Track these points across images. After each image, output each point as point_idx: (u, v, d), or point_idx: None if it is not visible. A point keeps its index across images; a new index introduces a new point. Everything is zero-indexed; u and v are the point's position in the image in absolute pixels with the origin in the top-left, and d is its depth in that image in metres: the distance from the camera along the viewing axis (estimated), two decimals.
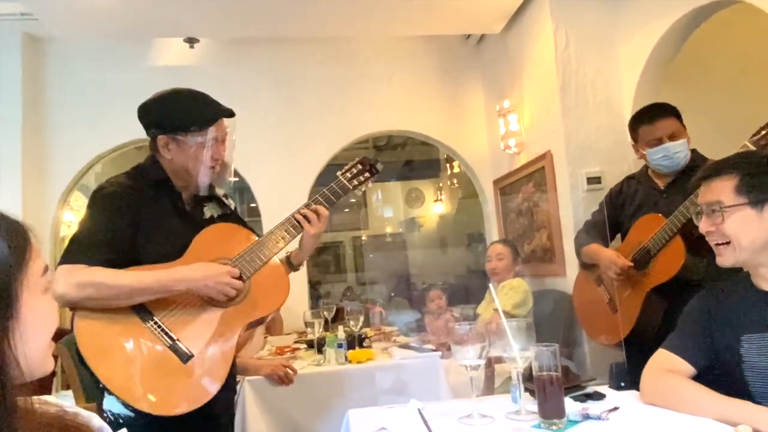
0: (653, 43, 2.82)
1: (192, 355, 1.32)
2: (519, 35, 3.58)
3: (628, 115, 3.01)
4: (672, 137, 2.02)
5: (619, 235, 2.28)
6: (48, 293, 0.69)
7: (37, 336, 0.65)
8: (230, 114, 1.52)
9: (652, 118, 2.08)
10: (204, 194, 1.54)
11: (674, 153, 2.01)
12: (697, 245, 1.87)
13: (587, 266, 2.37)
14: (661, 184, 2.12)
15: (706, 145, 2.16)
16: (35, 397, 0.65)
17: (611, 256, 2.09)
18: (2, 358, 0.57)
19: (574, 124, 3.06)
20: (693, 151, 2.10)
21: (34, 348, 0.64)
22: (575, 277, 2.55)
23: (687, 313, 1.32)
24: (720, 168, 1.23)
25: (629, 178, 2.30)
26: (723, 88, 3.30)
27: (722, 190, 1.20)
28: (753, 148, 1.73)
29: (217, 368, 1.32)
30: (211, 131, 1.46)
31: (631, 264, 2.03)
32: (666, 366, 1.25)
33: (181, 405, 1.27)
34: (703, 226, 1.24)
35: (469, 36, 4.26)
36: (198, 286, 1.34)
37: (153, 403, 1.25)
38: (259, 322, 1.49)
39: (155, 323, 1.33)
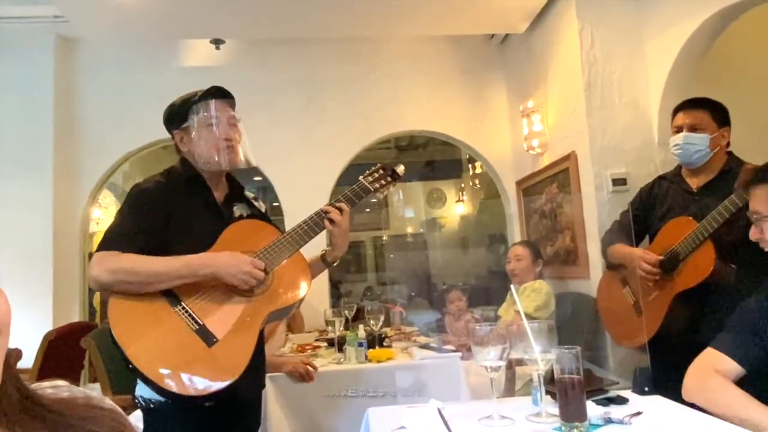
0: (682, 42, 2.75)
1: (217, 340, 1.36)
2: (544, 35, 3.54)
3: (654, 116, 2.97)
4: (692, 129, 1.98)
5: (647, 237, 2.23)
6: None
7: None
8: (220, 92, 1.56)
9: (684, 107, 2.05)
10: (224, 169, 1.57)
11: (686, 143, 1.96)
12: (728, 251, 1.83)
13: (614, 267, 2.33)
14: (693, 186, 2.06)
15: (739, 146, 2.11)
16: (47, 383, 0.66)
17: (640, 252, 2.05)
18: None
19: (600, 124, 3.02)
20: (729, 153, 2.05)
21: None
22: (599, 280, 2.51)
23: (739, 312, 1.30)
24: None
25: (661, 178, 2.25)
26: (755, 88, 3.21)
27: None
28: None
29: (239, 354, 1.35)
30: (207, 109, 1.53)
31: (662, 258, 1.99)
32: (713, 365, 1.23)
33: (202, 386, 1.30)
34: None
35: (492, 36, 4.23)
36: (221, 272, 1.39)
37: (176, 383, 1.29)
38: (281, 313, 1.52)
39: (183, 308, 1.39)
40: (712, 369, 1.22)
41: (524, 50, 3.85)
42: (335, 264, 1.69)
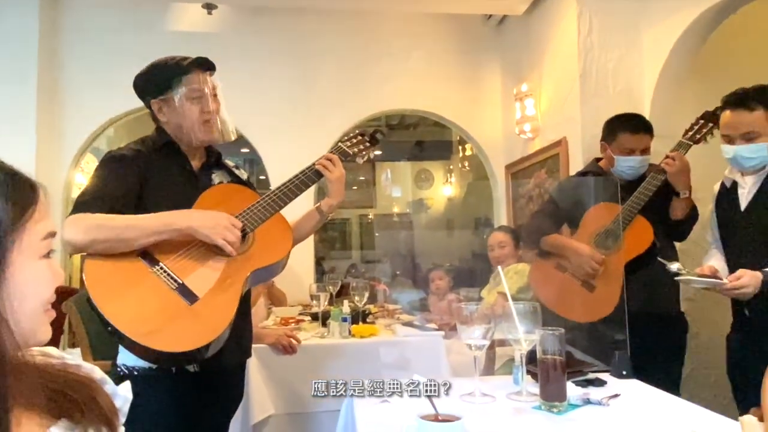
0: (678, 33, 2.75)
1: (197, 298, 1.33)
2: (541, 18, 3.51)
3: (647, 106, 2.97)
4: (643, 152, 2.15)
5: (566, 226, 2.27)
6: (46, 259, 0.64)
7: (26, 302, 0.60)
8: (207, 64, 1.53)
9: (634, 130, 2.17)
10: (208, 144, 1.56)
11: (640, 166, 2.14)
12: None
13: (544, 254, 2.30)
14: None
15: None
16: (37, 349, 0.64)
17: (589, 251, 2.06)
18: None
19: (593, 112, 3.01)
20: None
21: (23, 314, 0.60)
22: (530, 271, 2.44)
23: None
24: None
25: (582, 173, 2.36)
26: (751, 82, 3.22)
27: None
28: (690, 143, 1.98)
29: (222, 312, 1.33)
30: (192, 81, 1.49)
31: (603, 257, 2.05)
32: None
33: (185, 343, 1.28)
34: None
35: (490, 17, 4.18)
36: (198, 226, 1.34)
37: (158, 340, 1.26)
38: (264, 274, 1.49)
39: (161, 268, 1.35)
40: None
41: (521, 33, 3.82)
42: (329, 214, 1.65)
